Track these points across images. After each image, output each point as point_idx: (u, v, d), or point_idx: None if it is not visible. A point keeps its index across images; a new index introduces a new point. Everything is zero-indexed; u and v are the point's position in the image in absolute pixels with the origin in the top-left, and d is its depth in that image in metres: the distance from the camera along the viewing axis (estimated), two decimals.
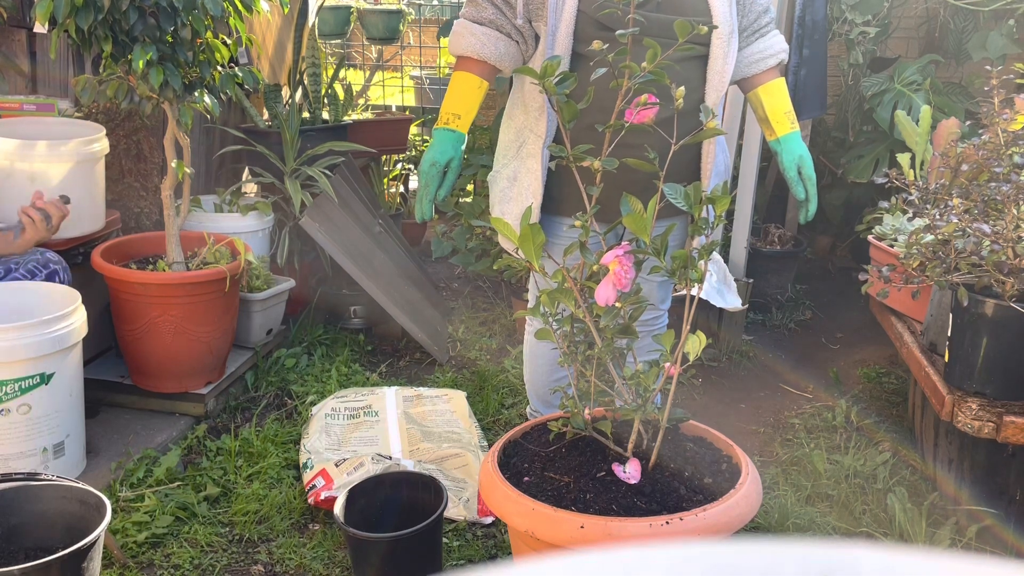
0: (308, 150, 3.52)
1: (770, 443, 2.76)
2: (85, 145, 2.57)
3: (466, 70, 2.04)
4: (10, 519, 1.86)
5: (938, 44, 4.12)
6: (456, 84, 2.05)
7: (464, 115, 2.04)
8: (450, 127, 2.03)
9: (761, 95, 2.16)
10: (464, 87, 2.04)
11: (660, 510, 1.49)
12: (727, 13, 2.00)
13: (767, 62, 2.14)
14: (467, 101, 2.04)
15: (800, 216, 2.16)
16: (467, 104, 2.04)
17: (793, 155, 2.12)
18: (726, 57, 2.01)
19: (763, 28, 2.16)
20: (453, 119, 2.03)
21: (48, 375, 2.14)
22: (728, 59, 2.02)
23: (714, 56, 2.00)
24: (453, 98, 2.05)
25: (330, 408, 2.71)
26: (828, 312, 3.90)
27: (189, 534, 2.19)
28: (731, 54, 2.03)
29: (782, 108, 2.15)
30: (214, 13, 2.37)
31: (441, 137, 2.02)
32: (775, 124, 2.14)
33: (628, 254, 1.47)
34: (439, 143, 2.02)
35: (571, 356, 1.64)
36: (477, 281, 4.10)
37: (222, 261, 2.73)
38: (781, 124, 2.13)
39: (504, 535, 2.21)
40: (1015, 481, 2.11)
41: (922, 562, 0.32)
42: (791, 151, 2.12)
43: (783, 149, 2.13)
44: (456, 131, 2.03)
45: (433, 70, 5.72)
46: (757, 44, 2.14)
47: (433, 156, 2.01)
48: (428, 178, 2.01)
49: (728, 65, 2.02)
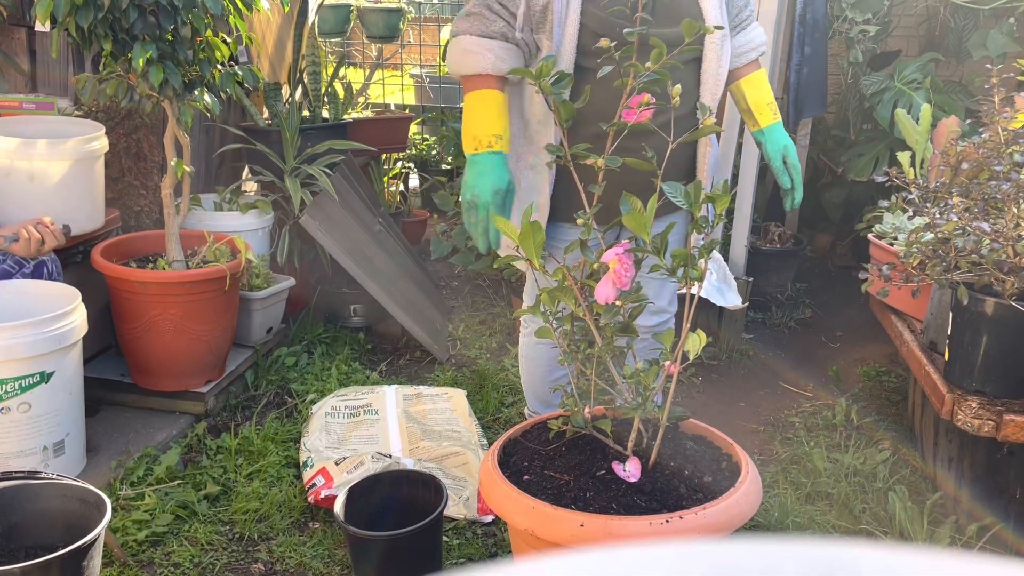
0: (308, 148, 3.52)
1: (770, 442, 2.76)
2: (85, 143, 2.57)
3: (487, 87, 1.95)
4: (10, 517, 1.86)
5: (938, 42, 4.12)
6: (484, 104, 1.96)
7: (504, 134, 1.96)
8: (494, 150, 1.94)
9: (744, 87, 2.16)
10: (494, 106, 1.95)
11: (660, 508, 1.49)
12: (718, 15, 2.00)
13: (748, 56, 2.16)
14: (502, 119, 1.96)
15: (785, 204, 2.17)
16: (503, 122, 1.96)
17: (778, 145, 2.13)
18: (720, 59, 2.01)
19: (744, 22, 2.17)
20: (496, 141, 1.94)
21: (48, 374, 2.14)
22: (723, 61, 2.02)
23: (708, 59, 2.01)
24: (487, 119, 1.95)
25: (330, 406, 2.71)
26: (828, 311, 3.90)
27: (189, 532, 2.19)
28: (725, 56, 2.03)
29: (765, 99, 2.16)
30: (214, 11, 2.37)
31: (491, 161, 1.93)
32: (758, 115, 2.15)
33: (628, 252, 1.47)
34: (491, 168, 1.93)
35: (571, 354, 1.64)
36: (477, 280, 4.10)
37: (222, 260, 2.73)
38: (764, 115, 2.14)
39: (504, 533, 2.21)
40: (1015, 479, 2.11)
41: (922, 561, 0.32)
42: (775, 141, 2.13)
43: (767, 139, 2.14)
44: (502, 152, 1.95)
45: (433, 68, 5.72)
46: (738, 38, 2.15)
47: (493, 183, 1.92)
48: (492, 206, 1.92)
49: (723, 67, 2.03)
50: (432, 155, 5.09)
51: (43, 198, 2.51)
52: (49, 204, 2.52)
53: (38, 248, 2.34)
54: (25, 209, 2.48)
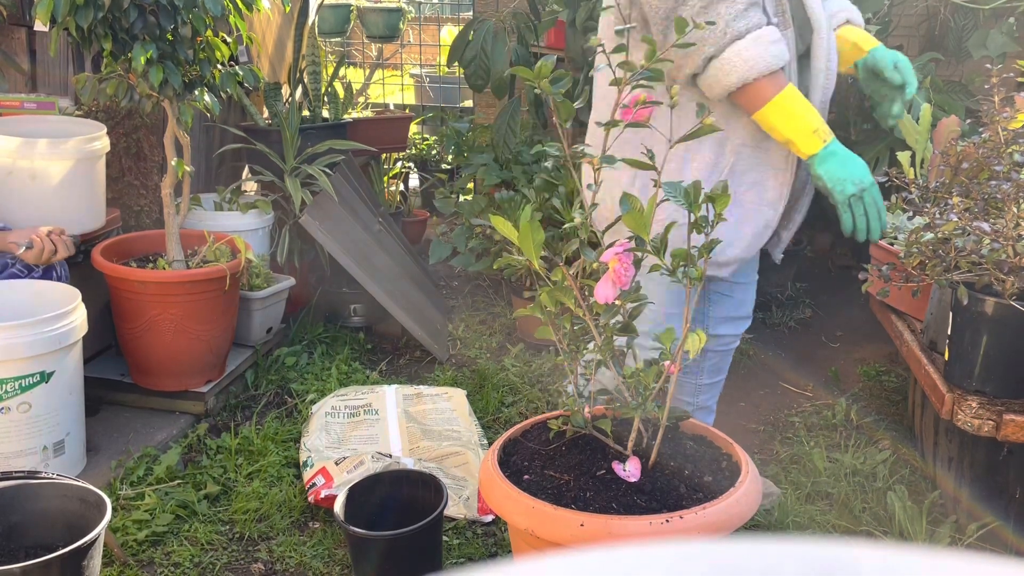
0: (308, 148, 3.52)
1: (770, 441, 2.76)
2: (86, 143, 2.57)
3: (783, 81, 1.81)
4: (10, 517, 1.86)
5: (938, 42, 4.12)
6: (795, 98, 1.82)
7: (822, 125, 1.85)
8: (833, 137, 1.86)
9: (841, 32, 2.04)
10: (802, 98, 1.84)
11: (660, 508, 1.49)
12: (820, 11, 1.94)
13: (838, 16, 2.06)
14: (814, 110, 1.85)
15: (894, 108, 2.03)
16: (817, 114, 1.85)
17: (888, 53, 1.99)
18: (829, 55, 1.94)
19: None
20: (826, 133, 1.86)
21: (48, 373, 2.14)
22: (831, 57, 1.95)
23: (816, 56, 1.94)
24: (809, 110, 1.84)
25: (330, 406, 2.71)
26: (828, 310, 3.90)
27: (189, 532, 2.19)
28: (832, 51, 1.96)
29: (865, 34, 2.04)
30: (215, 12, 2.37)
31: (842, 151, 1.85)
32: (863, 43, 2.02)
33: (628, 252, 1.47)
34: (847, 153, 1.85)
35: (571, 354, 1.64)
36: (477, 280, 4.10)
37: (222, 259, 2.73)
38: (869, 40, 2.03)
39: (504, 533, 2.21)
40: (1015, 479, 2.11)
41: (922, 561, 0.32)
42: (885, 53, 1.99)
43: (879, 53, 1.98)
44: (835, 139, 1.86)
45: (433, 68, 5.72)
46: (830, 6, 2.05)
47: (861, 164, 1.84)
48: (875, 190, 1.83)
49: (832, 62, 1.95)
50: (432, 155, 5.09)
51: (45, 197, 2.52)
52: (51, 203, 2.52)
53: (49, 258, 2.35)
54: (27, 208, 2.49)
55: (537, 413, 2.51)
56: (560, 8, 3.65)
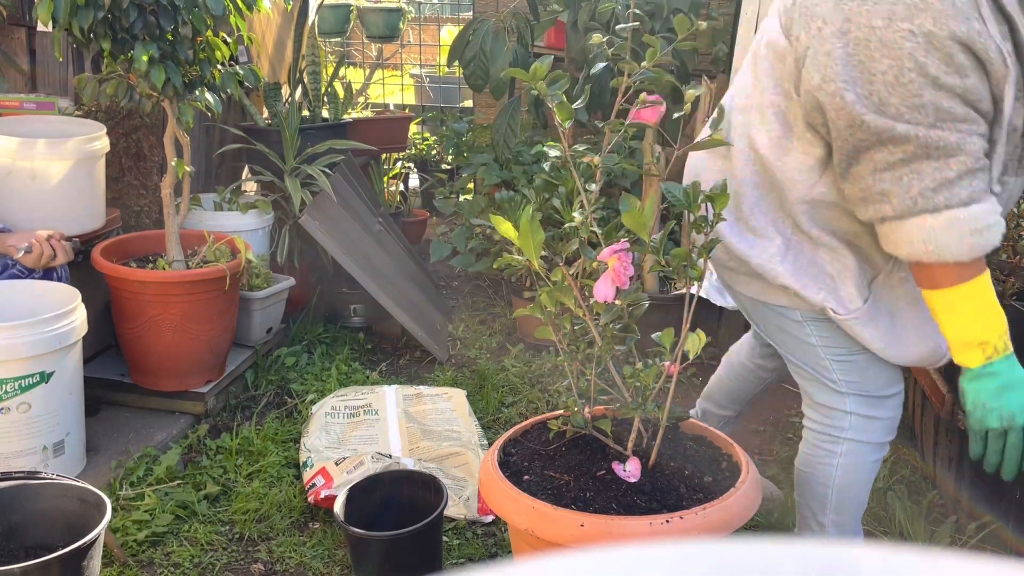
0: (308, 148, 3.52)
1: (770, 441, 2.76)
2: (86, 143, 2.57)
3: (984, 267, 1.45)
4: (10, 517, 1.86)
5: None
6: (983, 291, 1.45)
7: None
8: (1009, 352, 1.46)
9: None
10: (991, 288, 1.46)
11: (660, 508, 1.49)
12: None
13: None
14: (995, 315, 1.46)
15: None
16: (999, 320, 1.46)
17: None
18: None
19: None
20: (1007, 336, 1.46)
21: (48, 373, 2.14)
22: None
23: None
24: (993, 308, 1.45)
25: (330, 406, 2.71)
26: None
27: (189, 532, 2.19)
28: None
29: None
30: (216, 11, 2.37)
31: (1011, 367, 1.45)
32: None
33: (627, 251, 1.47)
34: (1013, 384, 1.44)
35: (571, 354, 1.64)
36: (477, 280, 4.10)
37: (222, 259, 2.73)
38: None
39: (504, 533, 2.21)
40: (1015, 479, 2.11)
41: (922, 561, 0.32)
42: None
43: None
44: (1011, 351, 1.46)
45: (433, 68, 5.72)
46: None
47: (1019, 406, 1.44)
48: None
49: None
50: (432, 155, 5.10)
51: (44, 197, 2.52)
52: (50, 203, 2.52)
53: (48, 262, 2.35)
54: (26, 208, 2.49)
55: (537, 413, 2.51)
56: (560, 8, 3.66)
